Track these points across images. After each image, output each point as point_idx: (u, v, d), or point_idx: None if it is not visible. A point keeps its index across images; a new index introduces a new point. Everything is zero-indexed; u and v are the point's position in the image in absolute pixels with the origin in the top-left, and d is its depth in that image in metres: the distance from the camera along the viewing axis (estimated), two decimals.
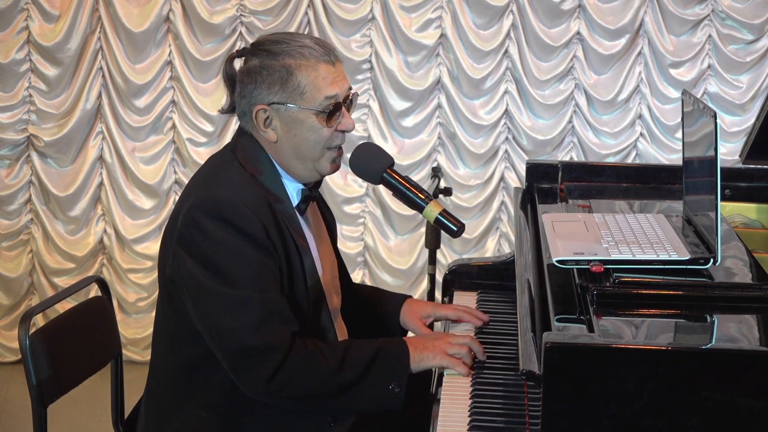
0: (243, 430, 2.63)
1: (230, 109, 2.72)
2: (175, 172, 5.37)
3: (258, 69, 2.60)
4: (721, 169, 2.35)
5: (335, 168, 2.69)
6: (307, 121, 2.60)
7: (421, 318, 2.95)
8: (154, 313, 5.45)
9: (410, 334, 3.02)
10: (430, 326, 2.99)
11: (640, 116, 5.38)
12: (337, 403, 2.56)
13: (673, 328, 2.27)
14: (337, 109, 2.61)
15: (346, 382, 2.52)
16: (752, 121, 5.21)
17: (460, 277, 3.35)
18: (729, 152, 5.18)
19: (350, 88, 2.67)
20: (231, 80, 2.68)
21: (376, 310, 3.00)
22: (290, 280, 2.60)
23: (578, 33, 5.29)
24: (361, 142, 2.74)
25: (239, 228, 2.51)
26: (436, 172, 3.89)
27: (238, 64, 2.70)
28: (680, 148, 5.23)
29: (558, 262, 2.40)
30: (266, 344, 2.47)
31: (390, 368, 2.56)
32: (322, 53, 2.60)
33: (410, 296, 3.04)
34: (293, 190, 2.68)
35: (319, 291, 2.67)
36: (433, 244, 3.80)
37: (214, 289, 2.49)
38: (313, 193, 2.75)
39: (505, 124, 5.39)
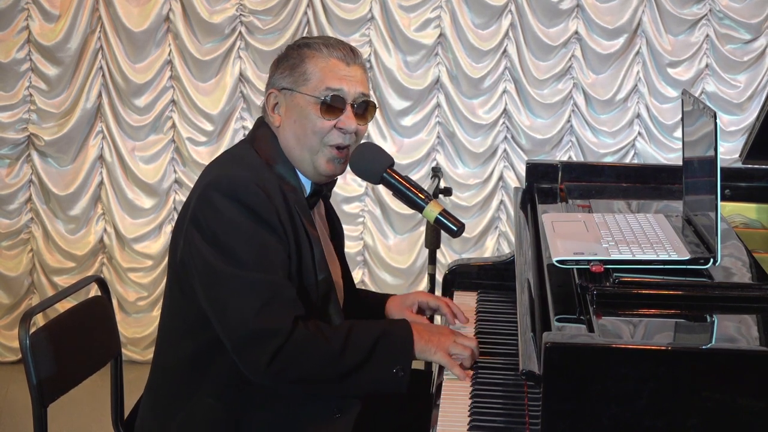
0: (250, 419, 2.63)
1: None
2: (175, 171, 5.38)
3: (282, 58, 2.71)
4: (721, 169, 2.35)
5: (334, 169, 2.69)
6: (306, 108, 2.63)
7: (407, 306, 2.96)
8: (154, 312, 5.49)
9: None
10: (431, 319, 3.00)
11: (638, 115, 5.39)
12: (340, 385, 2.56)
13: (673, 328, 2.27)
14: (339, 104, 2.63)
15: (349, 364, 2.52)
16: (750, 120, 5.24)
17: (460, 277, 3.35)
18: (727, 151, 5.19)
19: (365, 95, 2.69)
20: None
21: (361, 309, 2.99)
22: (299, 268, 2.60)
23: (576, 32, 5.30)
24: (360, 141, 2.74)
25: (252, 209, 2.52)
26: (436, 172, 3.89)
27: None
28: (678, 147, 5.26)
29: (558, 262, 2.40)
30: (268, 327, 2.47)
31: (394, 351, 2.56)
32: (341, 53, 2.66)
33: (393, 294, 3.05)
34: (305, 184, 2.70)
35: (329, 284, 2.68)
36: (433, 244, 3.80)
37: (222, 269, 2.50)
38: (323, 189, 2.76)
39: (503, 123, 5.39)
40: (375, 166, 2.71)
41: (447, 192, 3.78)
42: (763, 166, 3.35)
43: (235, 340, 2.50)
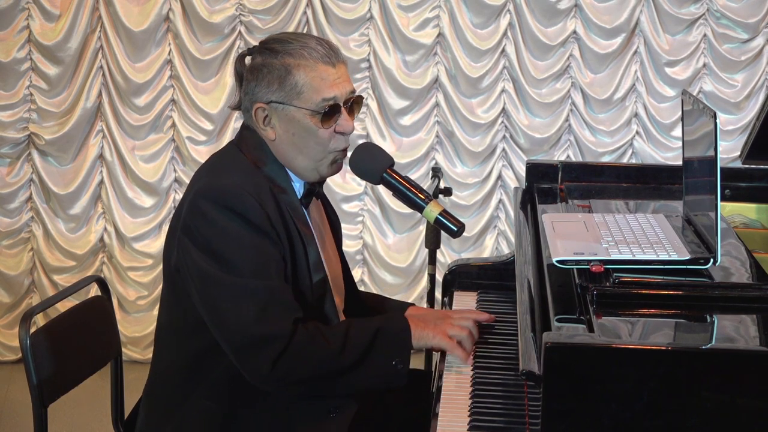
0: (247, 420, 2.63)
1: (239, 106, 2.72)
2: (175, 171, 5.38)
3: (260, 66, 2.62)
4: (721, 169, 2.36)
5: (337, 169, 2.69)
6: (303, 121, 2.60)
7: None
8: (154, 312, 5.49)
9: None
10: None
11: (636, 115, 5.40)
12: (341, 384, 2.56)
13: (673, 328, 2.27)
14: (334, 110, 2.61)
15: (349, 362, 2.53)
16: (747, 119, 5.24)
17: (460, 277, 3.34)
18: (724, 150, 5.19)
19: (353, 91, 2.66)
20: (240, 77, 2.69)
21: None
22: (294, 269, 2.60)
23: (574, 32, 5.31)
24: (360, 141, 2.74)
25: (243, 216, 2.51)
26: (436, 173, 3.89)
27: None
28: (676, 146, 5.27)
29: (558, 262, 2.40)
30: (268, 332, 2.47)
31: (392, 345, 2.57)
32: (323, 54, 2.59)
33: (413, 304, 3.01)
34: (297, 184, 2.69)
35: (325, 285, 2.68)
36: (433, 244, 3.79)
37: (218, 277, 2.50)
38: (315, 188, 2.75)
39: (502, 122, 5.40)
40: (375, 166, 2.70)
41: (447, 192, 3.77)
42: (763, 166, 3.36)
43: (236, 347, 2.51)
